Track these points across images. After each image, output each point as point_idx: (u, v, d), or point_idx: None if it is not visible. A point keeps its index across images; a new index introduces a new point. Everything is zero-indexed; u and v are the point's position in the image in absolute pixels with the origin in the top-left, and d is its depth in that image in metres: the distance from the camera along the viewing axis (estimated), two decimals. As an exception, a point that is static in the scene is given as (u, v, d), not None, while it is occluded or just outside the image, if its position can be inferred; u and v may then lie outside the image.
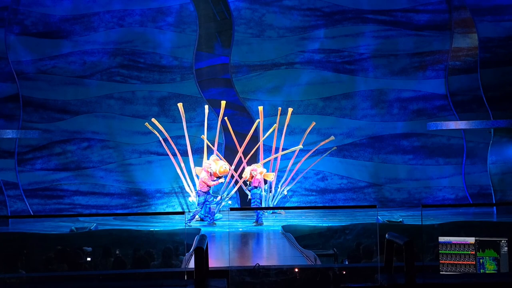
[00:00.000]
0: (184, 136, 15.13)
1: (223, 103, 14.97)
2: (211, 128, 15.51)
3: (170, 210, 16.05)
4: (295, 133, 16.00)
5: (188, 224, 13.23)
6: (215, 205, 13.94)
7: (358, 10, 16.44)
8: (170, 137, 15.23)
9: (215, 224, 13.69)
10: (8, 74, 15.29)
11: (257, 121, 15.11)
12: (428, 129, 15.79)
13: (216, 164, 13.39)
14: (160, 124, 14.92)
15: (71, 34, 15.98)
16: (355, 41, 16.54)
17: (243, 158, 15.08)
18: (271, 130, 15.11)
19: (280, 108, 15.58)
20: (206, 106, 14.99)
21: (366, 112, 16.63)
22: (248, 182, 14.09)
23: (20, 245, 11.44)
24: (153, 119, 14.80)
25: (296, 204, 16.41)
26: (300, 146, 15.28)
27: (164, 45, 16.30)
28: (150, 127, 14.84)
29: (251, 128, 15.24)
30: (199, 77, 16.60)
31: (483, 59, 15.40)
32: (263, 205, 15.32)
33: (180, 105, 14.78)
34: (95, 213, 15.88)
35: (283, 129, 15.58)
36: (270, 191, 15.60)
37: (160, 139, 15.09)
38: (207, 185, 13.27)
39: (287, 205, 16.33)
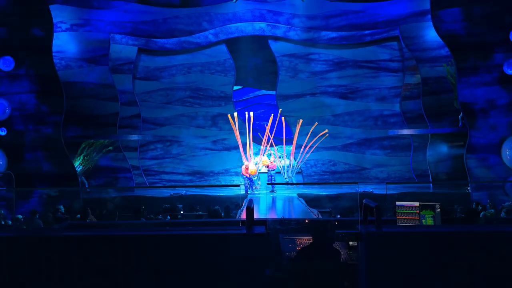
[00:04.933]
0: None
1: (235, 114, 15.08)
2: (243, 134, 15.47)
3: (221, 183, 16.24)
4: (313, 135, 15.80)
5: (247, 192, 13.60)
6: (251, 184, 14.10)
7: (355, 61, 16.13)
8: (218, 139, 15.86)
9: (255, 191, 14.04)
10: (134, 102, 15.82)
11: (325, 131, 15.43)
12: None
13: (251, 165, 13.94)
14: (209, 132, 15.76)
15: (161, 78, 16.37)
16: (353, 80, 16.09)
17: (265, 144, 15.15)
18: (322, 133, 15.42)
19: (301, 119, 15.65)
20: (235, 114, 15.10)
21: (360, 123, 16.30)
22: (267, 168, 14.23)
23: (141, 204, 11.80)
24: (229, 115, 14.98)
25: (316, 180, 16.30)
26: (326, 131, 15.44)
27: (215, 83, 16.50)
28: (231, 119, 14.95)
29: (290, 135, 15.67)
30: (246, 103, 16.81)
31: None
32: (283, 177, 15.46)
33: (230, 116, 15.02)
34: (176, 185, 16.18)
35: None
36: (290, 166, 15.69)
37: (235, 130, 14.99)
38: (244, 174, 13.90)
39: (306, 180, 16.26)
